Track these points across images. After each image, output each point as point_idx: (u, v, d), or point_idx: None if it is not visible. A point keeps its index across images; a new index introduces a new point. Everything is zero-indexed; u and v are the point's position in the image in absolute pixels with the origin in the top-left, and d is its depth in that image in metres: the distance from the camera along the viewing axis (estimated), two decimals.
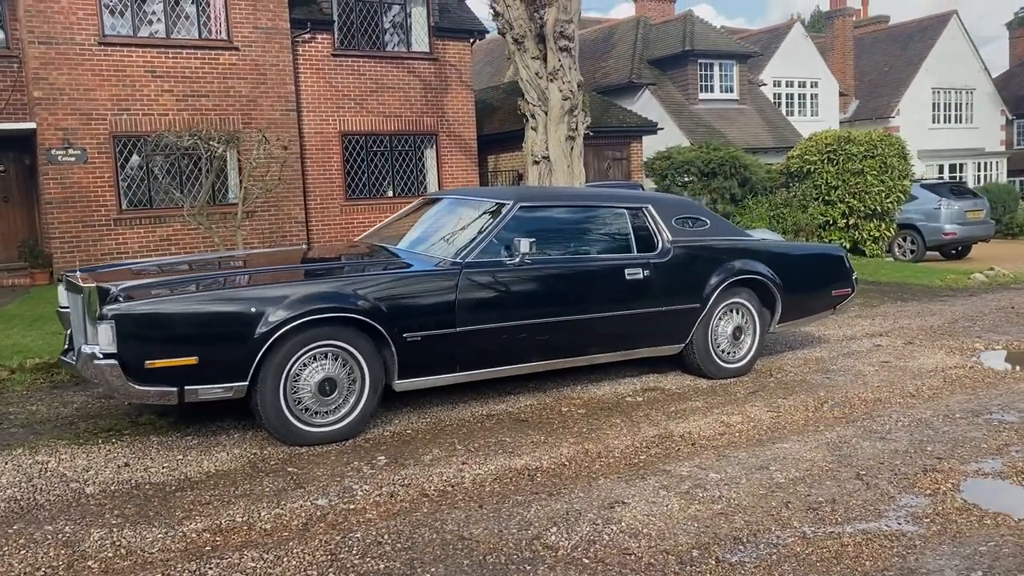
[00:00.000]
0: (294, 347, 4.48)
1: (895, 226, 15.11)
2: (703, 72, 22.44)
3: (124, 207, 14.14)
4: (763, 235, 7.52)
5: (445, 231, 5.58)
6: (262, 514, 3.70)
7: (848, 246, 14.52)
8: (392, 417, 5.23)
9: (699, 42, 22.22)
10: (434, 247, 5.38)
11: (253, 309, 4.35)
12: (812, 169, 14.46)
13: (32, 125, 13.50)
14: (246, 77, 14.91)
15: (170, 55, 14.25)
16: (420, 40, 16.92)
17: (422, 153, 17.22)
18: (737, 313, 6.20)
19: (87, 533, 3.48)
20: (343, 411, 4.70)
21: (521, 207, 5.47)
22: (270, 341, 4.35)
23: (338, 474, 4.22)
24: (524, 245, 5.13)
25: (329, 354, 4.62)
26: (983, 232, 17.45)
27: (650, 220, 5.90)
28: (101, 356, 4.13)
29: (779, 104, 26.25)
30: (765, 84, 24.91)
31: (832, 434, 4.84)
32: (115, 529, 3.53)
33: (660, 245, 5.85)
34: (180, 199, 13.17)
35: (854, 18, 33.30)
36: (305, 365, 4.55)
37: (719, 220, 6.37)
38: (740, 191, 14.69)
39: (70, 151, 13.61)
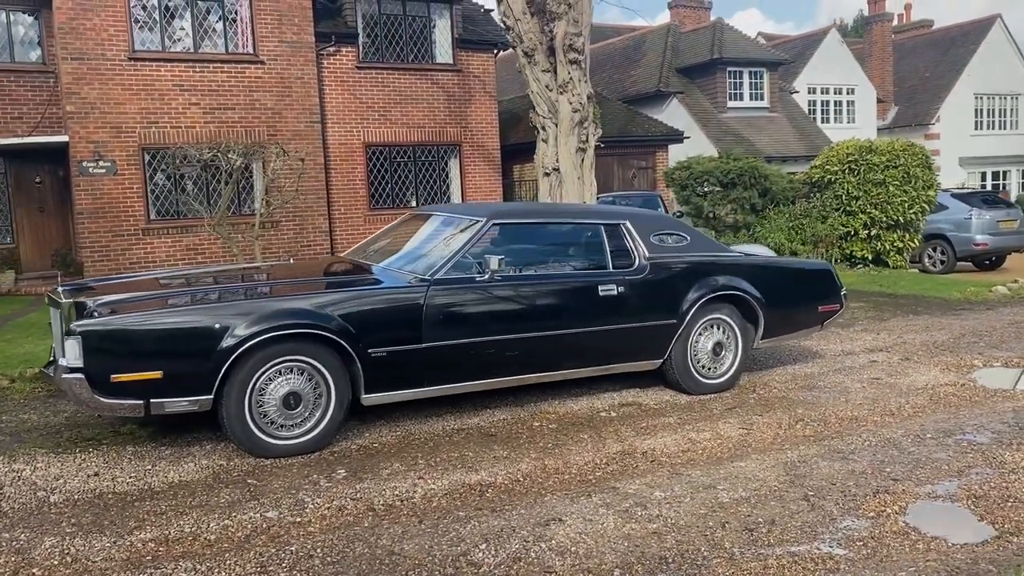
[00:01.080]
0: (259, 362, 4.62)
1: (920, 237, 14.83)
2: (732, 80, 22.31)
3: (152, 217, 14.55)
4: (755, 250, 7.48)
5: (422, 248, 5.69)
6: (211, 525, 3.83)
7: (870, 257, 14.33)
8: (363, 430, 5.35)
9: (728, 50, 22.09)
10: (408, 264, 5.49)
11: (216, 326, 4.50)
12: (833, 179, 14.29)
13: (65, 138, 13.97)
14: (271, 90, 15.23)
15: (197, 69, 14.63)
16: (444, 52, 17.11)
17: (446, 163, 17.41)
18: (718, 329, 6.20)
19: (40, 541, 3.65)
20: (309, 424, 4.82)
21: (494, 224, 5.56)
22: (233, 357, 4.50)
23: (295, 487, 4.34)
24: (493, 262, 5.21)
25: (294, 369, 4.75)
26: (1017, 242, 17.02)
27: (627, 236, 5.94)
28: (69, 370, 4.31)
29: (814, 111, 25.97)
30: (797, 92, 24.65)
31: (794, 453, 4.83)
32: (67, 538, 3.69)
33: (637, 261, 5.89)
34: (200, 211, 13.50)
35: (894, 23, 32.78)
36: (270, 379, 4.69)
37: (699, 236, 6.38)
38: (760, 201, 14.57)
39: (100, 163, 14.05)
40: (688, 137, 19.51)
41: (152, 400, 4.44)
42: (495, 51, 17.84)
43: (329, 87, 16.03)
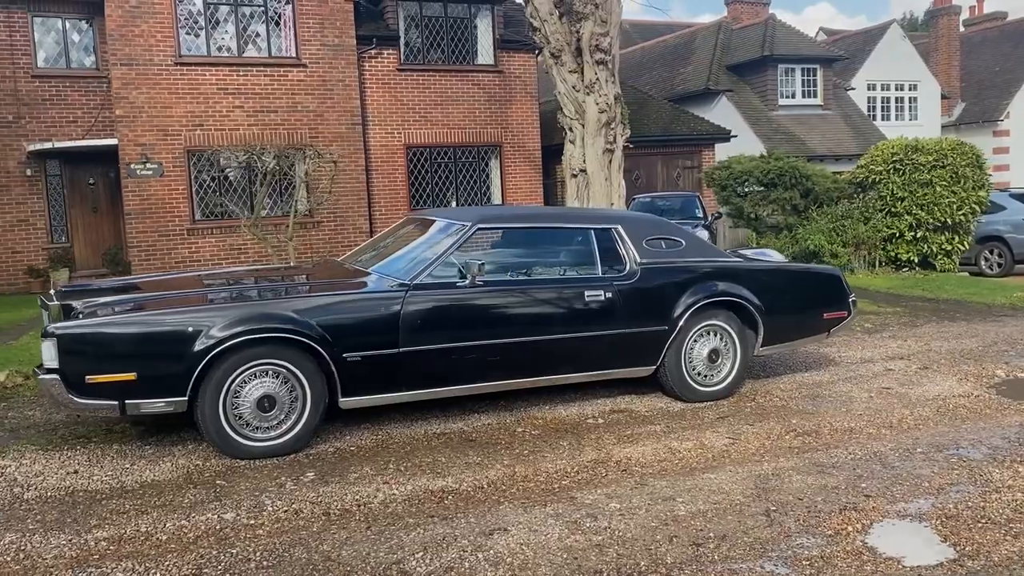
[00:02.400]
0: (233, 365, 4.70)
1: (972, 239, 14.28)
2: (784, 77, 21.83)
3: (197, 217, 14.95)
4: (767, 255, 7.31)
5: (410, 252, 5.70)
6: (167, 525, 3.92)
7: (916, 260, 13.86)
8: (344, 432, 5.40)
9: (779, 47, 21.61)
10: (394, 268, 5.51)
11: (189, 329, 4.60)
12: (877, 179, 13.86)
13: (115, 141, 14.45)
14: (313, 93, 15.50)
15: (241, 73, 14.99)
16: (485, 53, 17.16)
17: (486, 164, 17.46)
18: (715, 335, 6.08)
19: (1, 537, 3.78)
20: (285, 426, 4.89)
21: (480, 229, 5.55)
22: (206, 360, 4.59)
23: (260, 488, 4.41)
24: (473, 267, 5.21)
25: (270, 372, 4.82)
26: None
27: (619, 241, 5.86)
28: (46, 371, 4.46)
29: (873, 109, 25.23)
30: (853, 88, 23.98)
31: (772, 465, 4.70)
32: (28, 535, 3.81)
33: (627, 266, 5.81)
34: (236, 211, 13.82)
35: (965, 16, 31.62)
36: (246, 382, 4.77)
37: (696, 241, 6.26)
38: (803, 202, 14.23)
39: (148, 165, 14.51)
40: (735, 136, 19.16)
41: (127, 401, 4.55)
42: (536, 52, 17.76)
43: (370, 89, 16.23)
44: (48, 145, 14.73)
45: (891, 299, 11.33)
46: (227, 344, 4.60)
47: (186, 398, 4.64)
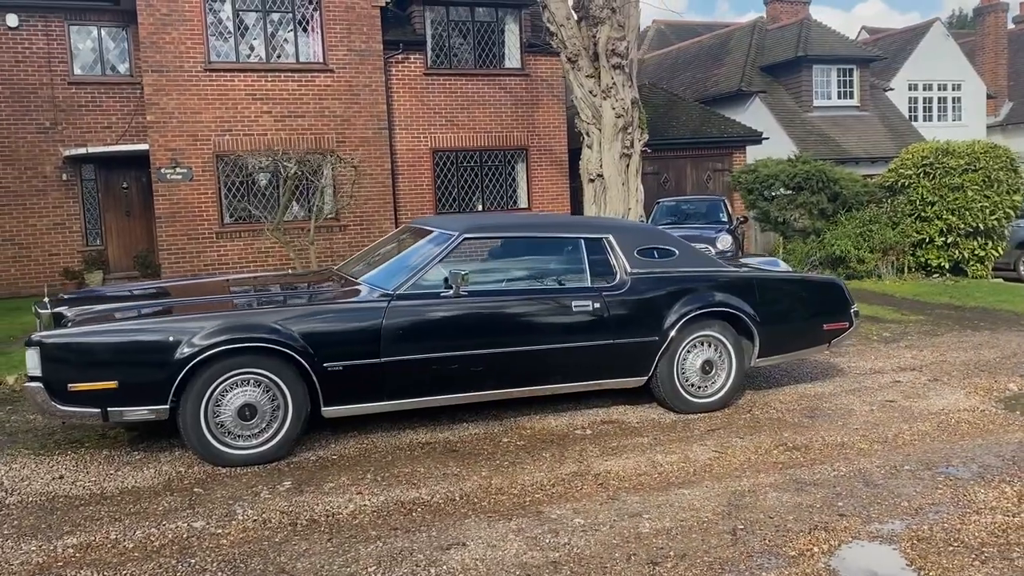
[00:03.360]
0: (214, 374, 4.77)
1: (1007, 244, 13.90)
2: (819, 78, 21.46)
3: (226, 221, 15.19)
4: (774, 265, 7.19)
5: (399, 261, 5.72)
6: (136, 533, 3.99)
7: (947, 266, 13.52)
8: (330, 440, 5.45)
9: (814, 47, 21.26)
10: (380, 278, 5.53)
11: (170, 339, 4.68)
12: (907, 183, 13.56)
13: (147, 146, 14.75)
14: (340, 98, 15.65)
15: (269, 78, 15.18)
16: (512, 56, 17.16)
17: (512, 167, 17.46)
18: (709, 346, 6.00)
19: None
20: (267, 435, 4.95)
21: (466, 239, 5.55)
22: (186, 369, 4.66)
23: (235, 497, 4.47)
24: (457, 277, 5.22)
25: (251, 380, 4.88)
26: None
27: (609, 250, 5.82)
28: (30, 378, 4.57)
29: (915, 109, 24.68)
30: (892, 89, 23.48)
31: (751, 481, 4.63)
32: (1, 540, 3.91)
33: (617, 276, 5.77)
34: (263, 216, 14.01)
35: (1014, 13, 30.78)
36: (227, 390, 4.83)
37: (690, 251, 6.18)
38: (831, 206, 13.97)
39: (177, 169, 14.78)
40: (767, 138, 18.89)
41: (109, 409, 4.64)
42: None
43: (397, 93, 16.33)
44: (83, 150, 15.09)
45: (916, 306, 11.07)
46: (205, 354, 4.67)
47: (167, 406, 4.72)
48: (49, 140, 15.24)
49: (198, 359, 4.66)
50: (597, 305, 5.61)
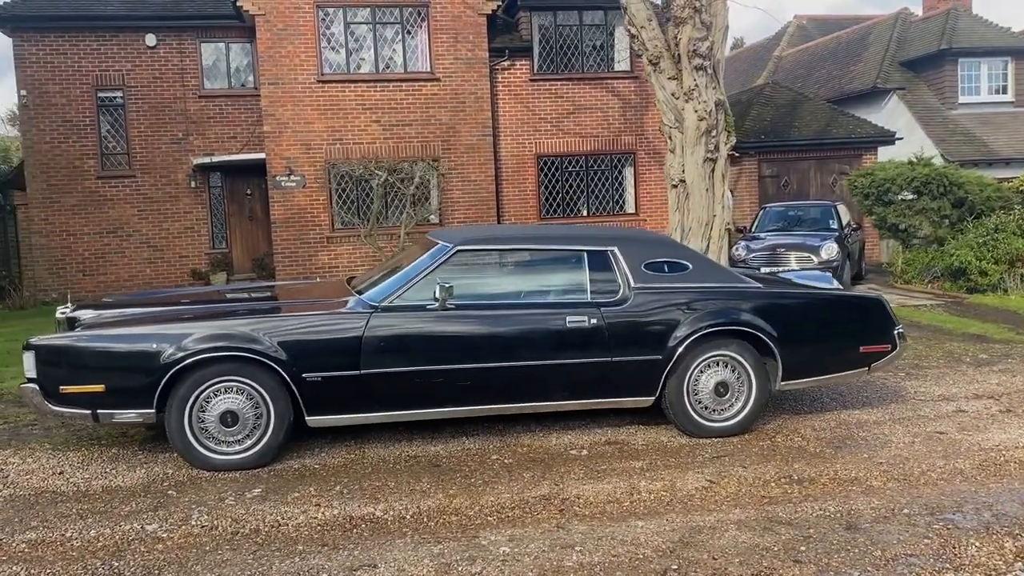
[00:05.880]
0: (198, 381, 4.94)
1: None
2: (965, 72, 19.75)
3: (337, 226, 15.78)
4: (818, 279, 6.66)
5: (394, 273, 5.66)
6: (91, 533, 4.18)
7: None
8: (322, 449, 5.52)
9: (961, 38, 19.59)
10: (374, 289, 5.52)
11: (154, 346, 4.89)
12: None
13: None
14: (446, 105, 15.92)
15: (378, 88, 15.66)
16: (621, 59, 16.87)
17: (620, 172, 17.17)
18: (726, 367, 5.63)
19: None
20: (249, 441, 5.07)
21: (460, 251, 5.47)
22: (168, 376, 4.85)
23: (199, 501, 4.60)
24: (442, 291, 5.16)
25: (234, 388, 5.02)
26: None
27: (613, 264, 5.58)
28: (27, 380, 4.90)
29: None
30: None
31: (721, 516, 4.30)
32: None
33: (619, 291, 5.52)
34: (367, 222, 14.46)
35: None
36: (212, 397, 4.99)
37: (706, 264, 5.83)
38: (954, 212, 12.84)
39: (291, 177, 15.51)
40: (900, 138, 17.59)
41: (99, 411, 4.90)
42: None
43: (502, 100, 16.43)
44: (210, 159, 16.12)
45: None
46: (184, 363, 4.84)
47: (153, 410, 4.93)
48: (181, 150, 16.37)
49: (178, 367, 4.85)
50: (594, 321, 5.39)
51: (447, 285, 5.16)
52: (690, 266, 5.70)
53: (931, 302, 11.88)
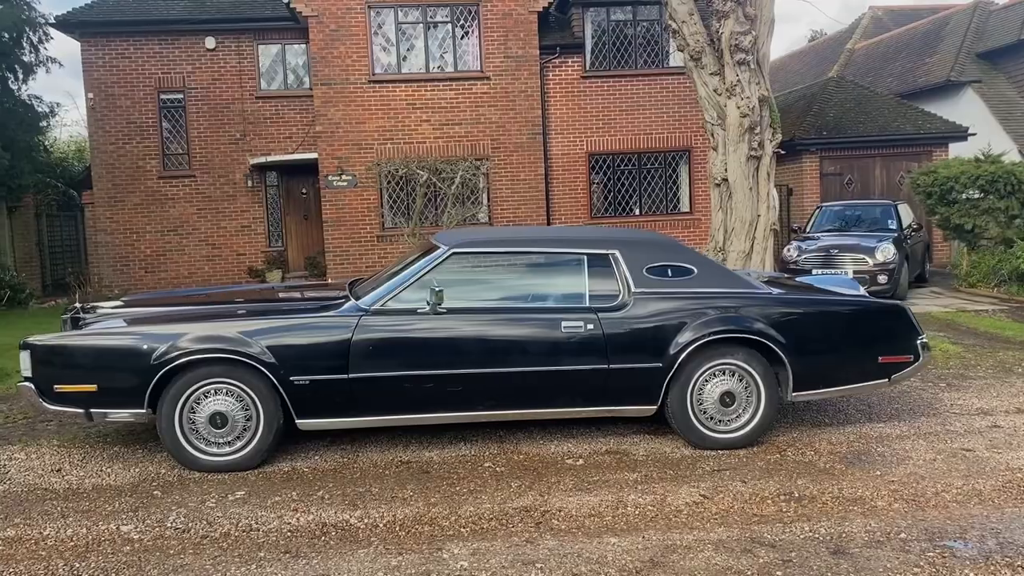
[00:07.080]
0: (188, 382, 4.96)
1: None
2: None
3: (387, 226, 15.88)
4: (840, 283, 6.33)
5: (390, 277, 5.57)
6: (66, 532, 4.23)
7: None
8: (316, 452, 5.49)
9: None
10: (368, 292, 5.44)
11: (144, 347, 4.93)
12: None
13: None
14: (496, 104, 15.84)
15: (428, 88, 15.68)
16: (675, 55, 16.47)
17: (674, 170, 16.81)
18: (732, 376, 5.39)
19: None
20: (240, 443, 5.08)
21: (456, 254, 5.37)
22: (157, 377, 4.88)
23: (181, 503, 4.62)
24: (433, 294, 5.07)
25: (224, 390, 5.03)
26: None
27: (615, 268, 5.39)
28: (23, 378, 5.01)
29: None
30: None
31: (701, 535, 4.09)
32: None
33: (619, 296, 5.33)
34: (416, 221, 14.50)
35: None
36: (203, 398, 5.01)
37: (712, 269, 5.57)
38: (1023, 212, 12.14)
39: (343, 176, 15.67)
40: (974, 134, 16.71)
41: (92, 410, 4.98)
42: None
43: (553, 98, 16.26)
44: (267, 159, 16.41)
45: None
46: (172, 364, 4.87)
47: (145, 410, 4.98)
48: (239, 150, 16.71)
49: (167, 368, 4.88)
50: (591, 326, 5.21)
51: (438, 288, 5.07)
52: (695, 271, 5.47)
53: (994, 307, 11.25)
